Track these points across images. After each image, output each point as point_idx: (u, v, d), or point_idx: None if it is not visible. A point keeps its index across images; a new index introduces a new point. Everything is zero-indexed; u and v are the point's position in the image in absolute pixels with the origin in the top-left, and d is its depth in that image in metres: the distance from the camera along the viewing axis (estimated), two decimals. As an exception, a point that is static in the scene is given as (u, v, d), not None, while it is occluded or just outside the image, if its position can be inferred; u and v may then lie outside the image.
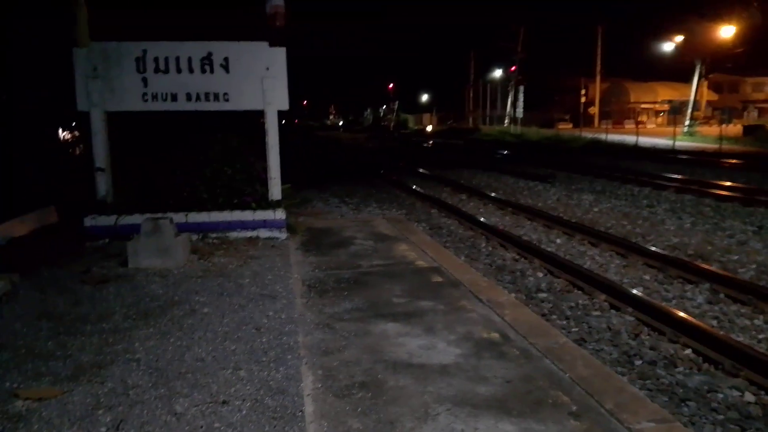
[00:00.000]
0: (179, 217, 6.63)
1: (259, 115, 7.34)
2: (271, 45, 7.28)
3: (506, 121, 52.25)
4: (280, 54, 7.28)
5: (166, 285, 5.19)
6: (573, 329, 5.40)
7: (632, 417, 2.96)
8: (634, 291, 6.04)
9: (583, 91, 50.67)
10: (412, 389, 3.27)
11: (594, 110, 52.21)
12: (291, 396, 3.15)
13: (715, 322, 5.43)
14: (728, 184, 13.80)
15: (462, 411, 3.03)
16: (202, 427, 2.82)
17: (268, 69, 7.24)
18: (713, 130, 32.93)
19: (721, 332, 5.01)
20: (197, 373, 3.42)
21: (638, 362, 4.67)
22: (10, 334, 4.01)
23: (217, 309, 4.55)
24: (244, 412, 2.98)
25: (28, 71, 9.54)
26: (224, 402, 3.07)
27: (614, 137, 34.12)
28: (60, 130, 13.62)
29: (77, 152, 12.28)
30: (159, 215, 6.12)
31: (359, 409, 3.04)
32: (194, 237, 6.78)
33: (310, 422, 2.91)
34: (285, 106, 7.38)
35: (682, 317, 5.20)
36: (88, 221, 6.80)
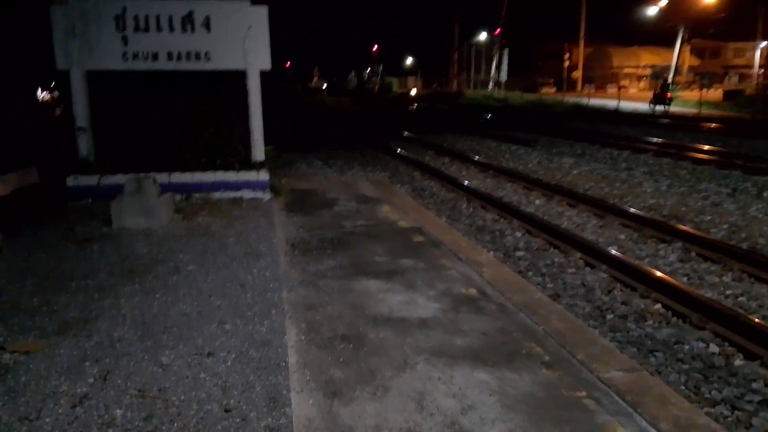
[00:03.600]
0: (162, 177, 6.64)
1: (242, 76, 7.29)
2: (253, 3, 7.20)
3: (490, 85, 52.00)
4: (262, 13, 7.20)
5: (150, 244, 5.24)
6: (549, 285, 5.57)
7: (602, 366, 3.11)
8: (609, 249, 6.22)
9: (566, 56, 50.46)
10: (392, 341, 3.39)
11: (577, 75, 52.14)
12: (275, 348, 3.26)
13: (685, 279, 5.62)
14: (705, 147, 14.02)
15: (439, 361, 3.16)
16: (188, 377, 2.92)
17: (250, 28, 7.17)
18: (694, 95, 33.07)
19: (690, 287, 5.19)
20: (183, 327, 3.51)
21: (610, 316, 4.86)
22: (-4, 290, 4.06)
23: (201, 267, 4.62)
24: (229, 363, 3.08)
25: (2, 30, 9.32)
26: (209, 354, 3.17)
27: (596, 102, 34.21)
28: (39, 90, 13.36)
29: (57, 112, 12.10)
30: (142, 175, 6.11)
31: (341, 360, 3.16)
32: (178, 197, 6.79)
33: (293, 372, 3.02)
34: (267, 65, 7.34)
35: (652, 273, 5.38)
36: (71, 181, 6.78)
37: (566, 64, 50.50)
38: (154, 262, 4.75)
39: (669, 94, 27.95)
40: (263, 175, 7.14)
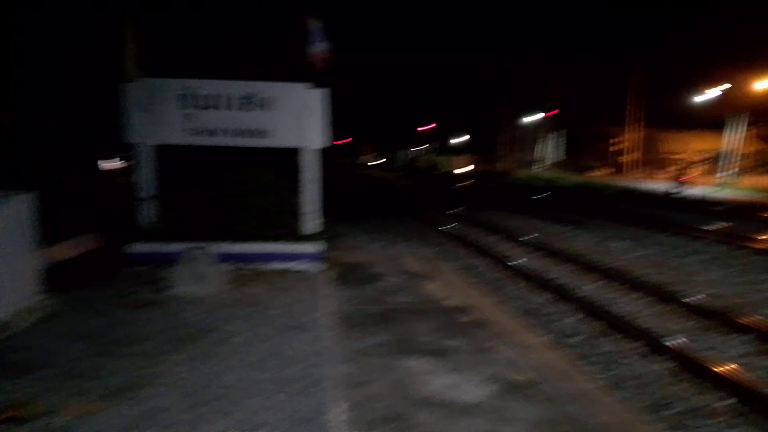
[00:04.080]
0: (216, 247, 6.81)
1: (296, 150, 7.57)
2: (312, 86, 7.56)
3: (538, 165, 52.25)
4: (319, 95, 7.54)
5: (199, 312, 5.33)
6: (600, 376, 5.34)
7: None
8: (668, 339, 5.95)
9: (615, 140, 50.47)
10: (435, 427, 3.30)
11: (625, 159, 51.87)
12: (315, 426, 3.21)
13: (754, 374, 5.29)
14: (762, 237, 13.52)
15: (485, 451, 3.04)
16: (228, 452, 2.89)
17: (307, 108, 7.50)
18: (751, 181, 32.26)
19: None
20: (225, 401, 3.51)
21: (666, 412, 4.60)
22: (50, 353, 4.17)
23: (246, 338, 4.65)
24: (269, 440, 3.05)
25: (75, 101, 10.01)
26: (250, 430, 3.14)
27: (647, 186, 33.75)
28: (104, 161, 14.12)
29: (122, 182, 12.73)
30: (196, 244, 6.31)
31: (382, 444, 3.08)
32: (229, 267, 6.94)
33: (333, 454, 2.96)
34: (322, 144, 7.61)
35: (717, 365, 5.11)
36: (129, 247, 7.03)
37: (615, 147, 50.43)
38: (201, 330, 4.81)
39: (681, 178, 28.63)
40: (312, 248, 7.25)
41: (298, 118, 7.46)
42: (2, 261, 4.62)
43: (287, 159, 7.91)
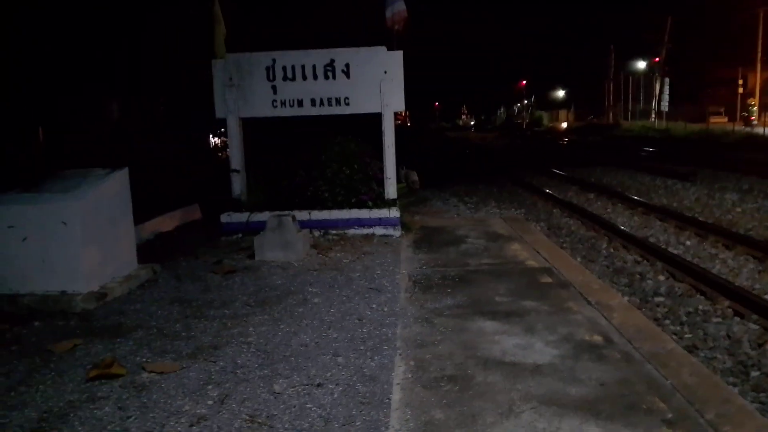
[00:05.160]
0: (302, 215, 7.10)
1: (378, 117, 7.63)
2: (389, 49, 7.55)
3: (651, 116, 48.95)
4: (397, 57, 7.52)
5: (284, 276, 5.61)
6: (687, 336, 5.07)
7: (735, 429, 2.78)
8: (764, 297, 5.52)
9: (740, 82, 46.04)
10: (500, 386, 3.30)
11: (753, 101, 47.28)
12: (381, 384, 3.32)
13: None
14: None
15: (548, 410, 3.01)
16: (295, 406, 3.07)
17: (386, 72, 7.51)
18: None
19: None
20: (300, 357, 3.70)
21: (755, 373, 4.30)
22: (146, 315, 4.58)
23: (326, 300, 4.85)
24: (335, 395, 3.19)
25: (174, 81, 10.63)
26: (319, 385, 3.31)
27: (776, 131, 30.72)
28: (210, 137, 14.98)
29: (222, 156, 13.47)
30: (284, 213, 6.59)
31: (444, 401, 3.13)
32: (315, 233, 7.21)
33: (395, 409, 3.05)
34: (401, 107, 7.62)
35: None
36: (224, 218, 7.47)
37: (740, 90, 46.06)
38: (285, 293, 5.07)
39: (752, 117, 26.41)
40: (394, 212, 7.35)
41: (378, 82, 7.50)
42: (102, 232, 5.09)
43: (370, 124, 8.00)
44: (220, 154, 15.16)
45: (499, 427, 2.87)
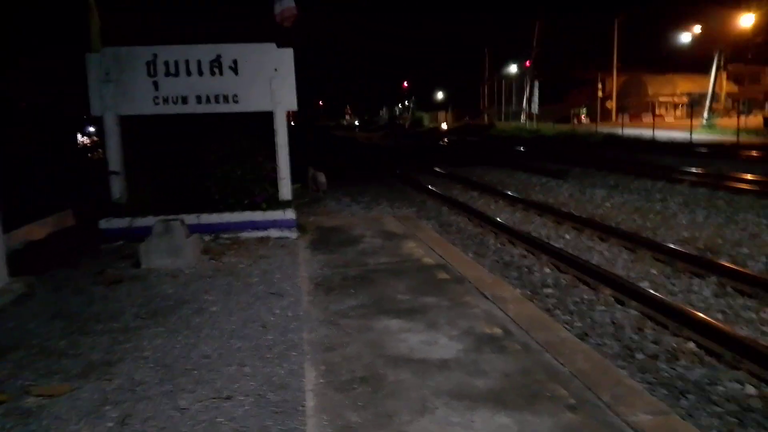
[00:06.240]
0: (191, 218, 6.76)
1: (269, 115, 7.44)
2: (279, 46, 7.39)
3: (522, 117, 52.01)
4: (287, 55, 7.37)
5: (176, 285, 5.31)
6: (576, 324, 5.44)
7: (629, 409, 2.99)
8: (640, 285, 6.05)
9: (599, 85, 50.20)
10: (411, 383, 3.33)
11: (611, 104, 51.71)
12: (293, 391, 3.23)
13: (720, 316, 5.41)
14: (744, 176, 13.65)
15: (460, 404, 3.08)
16: (205, 421, 2.91)
17: (276, 70, 7.34)
18: (733, 122, 32.38)
19: (725, 325, 5.00)
20: (203, 370, 3.51)
21: (640, 356, 4.70)
22: (25, 333, 4.14)
23: (224, 307, 4.65)
24: (246, 407, 3.06)
25: (41, 77, 9.74)
26: (228, 397, 3.16)
27: (631, 131, 33.80)
28: (79, 135, 13.87)
29: (94, 156, 12.55)
30: (171, 217, 6.24)
31: (359, 403, 3.11)
32: (206, 237, 6.90)
33: (310, 416, 2.98)
34: (293, 106, 7.48)
35: (685, 310, 5.20)
36: (103, 224, 6.95)
37: (600, 93, 50.20)
38: (178, 302, 4.80)
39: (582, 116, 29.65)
40: (289, 214, 7.22)
41: (268, 80, 7.31)
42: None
43: (261, 123, 7.78)
44: (90, 154, 14.14)
45: (415, 424, 2.89)
